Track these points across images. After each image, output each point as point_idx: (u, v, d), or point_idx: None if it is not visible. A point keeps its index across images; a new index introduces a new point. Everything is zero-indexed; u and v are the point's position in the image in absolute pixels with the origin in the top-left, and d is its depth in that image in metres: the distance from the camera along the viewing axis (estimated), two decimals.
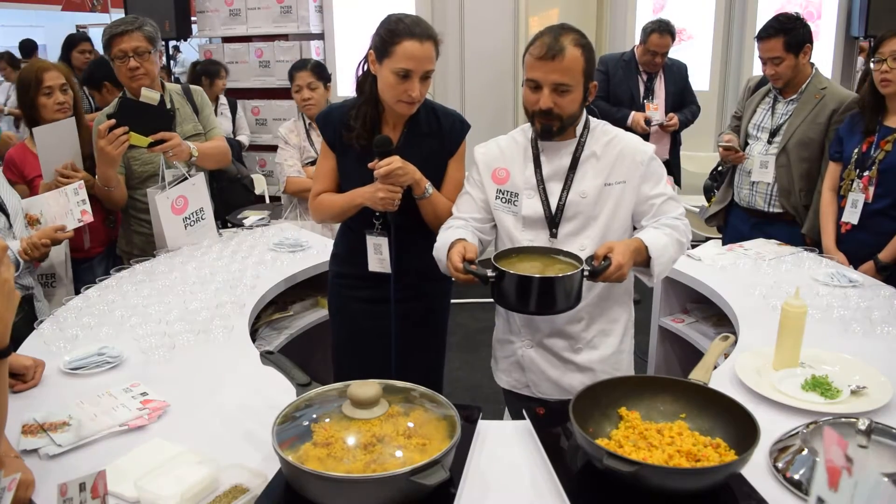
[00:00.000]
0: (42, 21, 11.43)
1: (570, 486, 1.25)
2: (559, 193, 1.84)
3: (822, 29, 5.06)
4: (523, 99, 1.82)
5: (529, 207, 1.86)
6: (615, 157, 1.83)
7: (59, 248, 2.59)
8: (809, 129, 2.94)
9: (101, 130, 2.47)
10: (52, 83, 2.62)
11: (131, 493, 1.25)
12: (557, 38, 1.72)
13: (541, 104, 1.75)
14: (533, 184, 1.86)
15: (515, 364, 1.96)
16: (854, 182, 2.69)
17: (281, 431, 1.24)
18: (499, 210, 1.91)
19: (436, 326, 2.26)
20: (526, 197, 1.86)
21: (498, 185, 1.90)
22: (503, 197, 1.90)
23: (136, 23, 2.60)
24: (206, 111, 2.87)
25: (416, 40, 1.86)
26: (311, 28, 5.18)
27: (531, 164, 1.87)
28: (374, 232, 2.05)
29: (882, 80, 2.58)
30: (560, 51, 1.70)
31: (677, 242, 1.79)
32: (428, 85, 1.95)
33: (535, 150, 1.88)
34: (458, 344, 3.99)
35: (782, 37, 2.88)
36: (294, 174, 3.40)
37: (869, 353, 1.74)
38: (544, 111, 1.75)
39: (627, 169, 1.83)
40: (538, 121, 1.79)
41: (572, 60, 1.71)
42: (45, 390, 1.66)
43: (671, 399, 1.40)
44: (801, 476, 1.25)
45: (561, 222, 1.84)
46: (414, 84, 1.88)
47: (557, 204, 1.84)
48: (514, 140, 1.94)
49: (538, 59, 1.73)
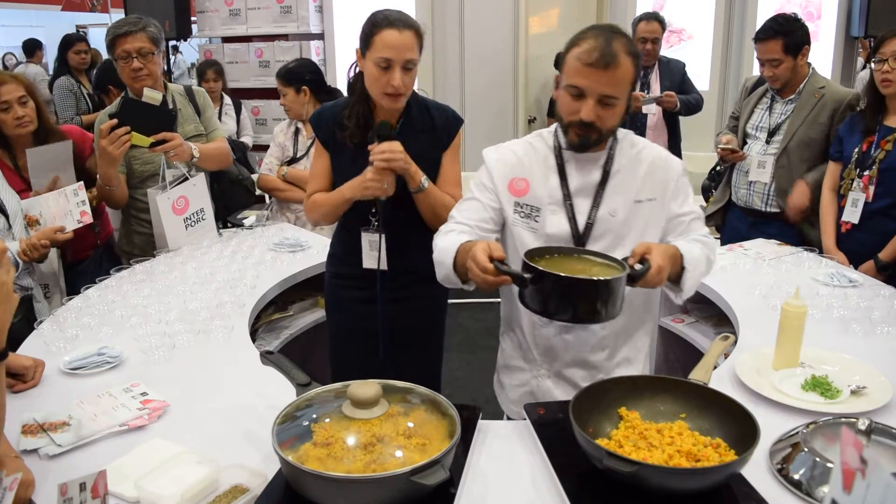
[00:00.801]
0: (42, 21, 11.44)
1: (570, 486, 1.25)
2: (587, 210, 1.67)
3: (822, 29, 5.06)
4: (560, 105, 1.63)
5: (554, 224, 1.68)
6: (645, 171, 1.69)
7: (51, 258, 2.53)
8: (810, 130, 2.95)
9: (103, 130, 2.47)
10: (8, 97, 2.47)
11: (131, 493, 1.25)
12: (610, 43, 1.53)
13: (583, 115, 1.56)
14: (558, 198, 1.68)
15: (528, 394, 1.81)
16: (854, 181, 2.69)
17: (281, 431, 1.24)
18: (517, 225, 1.72)
19: (433, 326, 2.25)
20: (549, 213, 1.69)
21: (516, 198, 1.71)
22: (522, 211, 1.71)
23: (140, 23, 2.60)
24: (207, 112, 2.87)
25: (394, 29, 1.87)
26: (311, 28, 5.19)
27: (555, 176, 1.70)
28: (370, 229, 2.05)
29: (883, 80, 2.58)
30: (614, 59, 1.52)
31: (707, 259, 1.66)
32: (412, 77, 1.93)
33: (560, 161, 1.70)
34: (458, 344, 3.99)
35: (781, 39, 2.87)
36: (265, 171, 3.46)
37: (869, 353, 1.74)
38: (585, 123, 1.58)
39: (658, 185, 1.69)
40: (575, 132, 1.61)
41: (625, 71, 1.54)
42: (45, 390, 1.66)
43: (671, 399, 1.40)
44: (801, 476, 1.25)
45: (588, 242, 1.68)
46: (395, 74, 1.88)
47: (586, 222, 1.67)
48: (532, 147, 1.75)
49: (587, 65, 1.53)
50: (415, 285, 2.10)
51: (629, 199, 1.68)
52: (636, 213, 1.68)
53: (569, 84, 1.58)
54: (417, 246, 1.98)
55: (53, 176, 2.55)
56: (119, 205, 2.75)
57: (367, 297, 2.13)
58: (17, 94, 2.50)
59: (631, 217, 1.68)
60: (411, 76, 1.93)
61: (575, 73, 1.56)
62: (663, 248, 1.52)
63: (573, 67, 1.56)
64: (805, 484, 1.23)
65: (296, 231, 2.99)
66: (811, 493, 1.21)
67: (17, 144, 2.57)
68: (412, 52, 1.90)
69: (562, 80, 1.62)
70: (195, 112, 2.83)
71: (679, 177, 1.71)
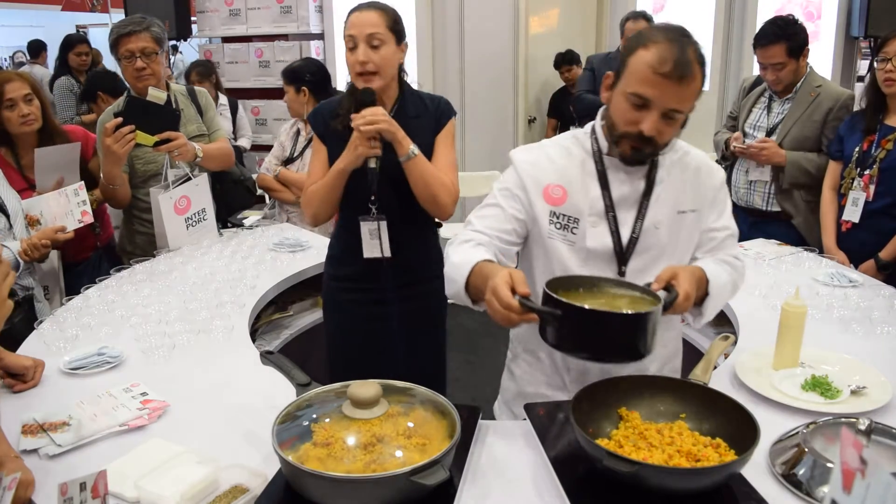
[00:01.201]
0: (42, 21, 11.42)
1: (570, 486, 1.25)
2: (632, 223, 1.54)
3: (822, 29, 5.05)
4: (615, 111, 1.47)
5: (595, 238, 1.53)
6: (689, 179, 1.56)
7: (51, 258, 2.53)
8: (805, 128, 2.95)
9: (108, 129, 2.47)
10: (13, 95, 2.48)
11: (131, 493, 1.25)
12: (685, 52, 1.38)
13: (645, 128, 1.41)
14: (599, 209, 1.53)
15: None
16: (855, 181, 2.69)
17: (281, 431, 1.24)
18: (554, 238, 1.56)
19: (434, 327, 2.25)
20: (589, 225, 1.53)
21: (552, 207, 1.55)
22: (558, 222, 1.54)
23: (144, 23, 2.61)
24: (209, 113, 2.88)
25: (357, 11, 1.96)
26: (311, 28, 5.19)
27: (596, 185, 1.54)
28: (369, 217, 2.04)
29: (885, 79, 2.58)
30: (689, 70, 1.37)
31: (734, 285, 1.57)
32: (382, 55, 1.93)
33: (600, 167, 1.55)
34: (458, 344, 3.99)
35: (784, 43, 2.86)
36: (263, 171, 3.49)
37: (869, 353, 1.74)
38: (645, 137, 1.43)
39: (699, 195, 1.57)
40: (629, 144, 1.46)
41: (697, 84, 1.41)
42: (45, 390, 1.66)
43: (671, 399, 1.40)
44: (801, 476, 1.25)
45: (631, 258, 1.54)
46: (360, 50, 1.92)
47: (630, 236, 1.53)
48: (567, 150, 1.58)
49: (660, 75, 1.37)
50: (413, 285, 2.10)
51: (672, 210, 1.55)
52: (679, 224, 1.55)
53: (633, 92, 1.41)
54: (416, 242, 2.00)
55: (59, 177, 2.56)
56: (122, 204, 2.75)
57: (366, 299, 2.13)
58: (23, 92, 2.50)
59: (674, 229, 1.55)
60: (381, 54, 1.94)
61: (642, 80, 1.39)
62: (689, 272, 1.42)
63: (641, 74, 1.39)
64: (805, 484, 1.23)
65: (296, 231, 3.00)
66: (811, 493, 1.21)
67: (21, 143, 2.57)
68: (374, 28, 1.92)
69: (619, 84, 1.45)
70: (197, 112, 2.84)
71: (721, 187, 1.61)
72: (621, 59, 1.46)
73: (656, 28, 1.47)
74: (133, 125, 2.47)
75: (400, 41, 2.00)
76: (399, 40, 1.99)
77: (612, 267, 1.55)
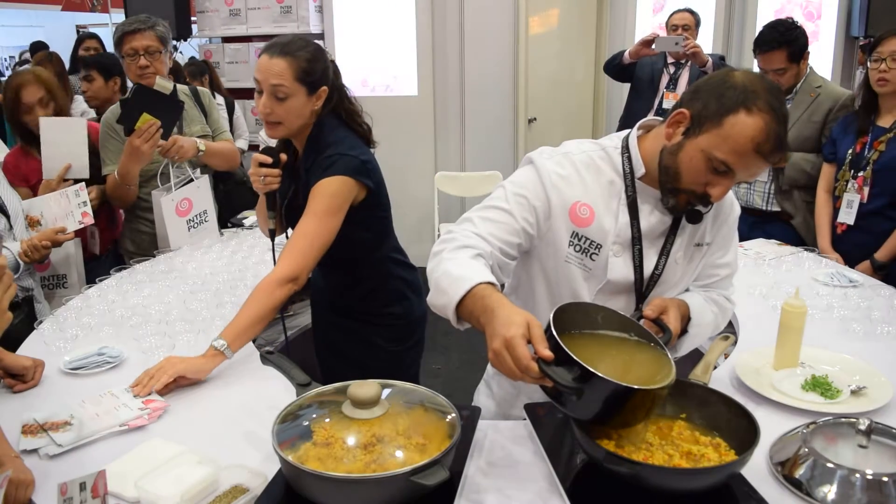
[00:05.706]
0: (42, 21, 11.42)
1: (570, 486, 1.25)
2: (655, 258, 1.44)
3: (822, 29, 5.05)
4: (685, 166, 1.32)
5: (616, 270, 1.41)
6: (710, 213, 1.47)
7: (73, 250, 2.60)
8: (805, 128, 2.95)
9: (140, 129, 2.48)
10: (29, 100, 2.61)
11: (131, 493, 1.25)
12: (785, 124, 1.28)
13: (715, 196, 1.32)
14: (626, 239, 1.41)
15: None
16: (849, 183, 2.69)
17: (281, 431, 1.24)
18: (571, 262, 1.42)
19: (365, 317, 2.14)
20: (612, 254, 1.41)
21: (577, 228, 1.40)
22: (578, 245, 1.40)
23: (149, 22, 2.64)
24: (213, 114, 2.89)
25: (265, 55, 1.81)
26: (311, 28, 5.18)
27: (625, 211, 1.40)
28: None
29: (879, 79, 2.58)
30: (785, 147, 1.29)
31: (714, 327, 1.53)
32: (287, 108, 1.80)
33: (631, 192, 1.41)
34: (458, 344, 3.99)
35: (785, 48, 2.86)
36: None
37: (869, 353, 1.74)
38: (708, 199, 1.34)
39: (715, 228, 1.50)
40: (687, 200, 1.36)
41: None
42: (45, 390, 1.66)
43: (671, 399, 1.39)
44: (801, 476, 1.25)
45: (649, 292, 1.46)
46: (263, 99, 1.81)
47: (653, 272, 1.44)
48: (597, 167, 1.42)
49: (758, 154, 1.26)
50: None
51: (690, 243, 1.48)
52: (692, 257, 1.49)
53: (722, 159, 1.28)
54: (351, 293, 2.07)
55: (66, 164, 2.59)
56: (129, 204, 2.77)
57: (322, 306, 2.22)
58: (38, 96, 2.62)
59: (688, 262, 1.49)
60: (285, 106, 1.80)
61: (737, 151, 1.26)
62: (676, 308, 1.38)
63: (739, 145, 1.26)
64: (805, 484, 1.23)
65: None
66: (811, 493, 1.21)
67: None
68: (279, 79, 1.77)
69: (701, 138, 1.30)
70: (201, 113, 2.84)
71: (735, 221, 1.55)
72: (707, 105, 1.29)
73: (761, 89, 1.27)
74: (158, 121, 2.50)
75: (313, 90, 1.82)
76: (312, 89, 1.82)
77: (629, 301, 1.47)
